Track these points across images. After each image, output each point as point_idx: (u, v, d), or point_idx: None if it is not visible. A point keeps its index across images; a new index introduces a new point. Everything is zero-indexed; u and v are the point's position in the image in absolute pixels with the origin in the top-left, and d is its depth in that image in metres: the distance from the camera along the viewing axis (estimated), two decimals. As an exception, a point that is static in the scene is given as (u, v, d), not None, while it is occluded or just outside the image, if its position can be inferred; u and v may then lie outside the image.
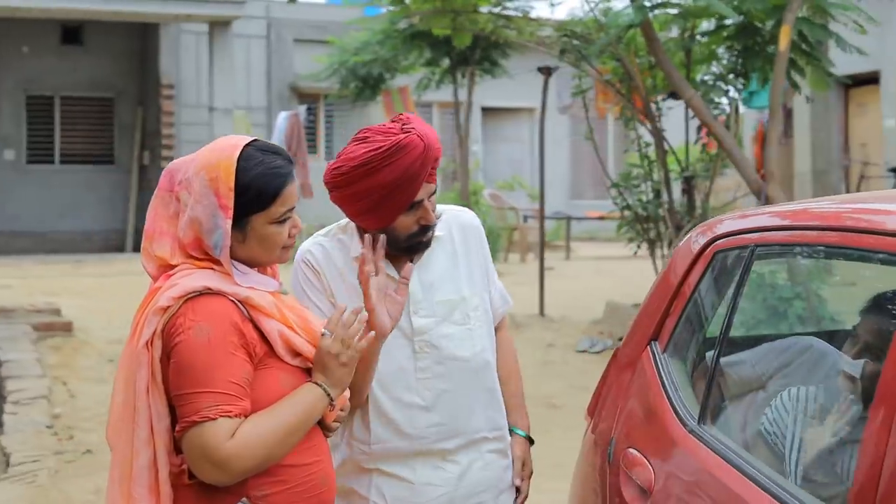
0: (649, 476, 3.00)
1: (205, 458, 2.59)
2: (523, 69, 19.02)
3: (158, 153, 24.13)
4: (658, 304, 3.40)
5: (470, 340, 3.30)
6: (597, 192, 27.68)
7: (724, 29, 10.05)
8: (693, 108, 9.50)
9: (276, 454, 2.67)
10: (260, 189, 2.71)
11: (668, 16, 9.88)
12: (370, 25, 17.72)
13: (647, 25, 9.25)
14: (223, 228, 2.69)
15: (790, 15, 9.03)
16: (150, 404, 2.67)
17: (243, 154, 2.73)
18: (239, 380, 2.63)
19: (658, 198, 11.23)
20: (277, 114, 21.86)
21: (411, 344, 3.24)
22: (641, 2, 9.01)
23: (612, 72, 11.11)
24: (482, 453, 3.33)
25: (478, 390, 3.31)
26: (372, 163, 3.04)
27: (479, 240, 3.42)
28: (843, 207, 2.91)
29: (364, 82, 18.82)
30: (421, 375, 3.24)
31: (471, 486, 3.30)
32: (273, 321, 2.72)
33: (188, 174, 2.76)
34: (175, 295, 2.66)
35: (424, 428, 3.24)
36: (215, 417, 2.58)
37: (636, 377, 3.34)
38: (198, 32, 23.86)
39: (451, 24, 10.98)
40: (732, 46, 10.05)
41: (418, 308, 3.25)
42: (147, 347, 2.66)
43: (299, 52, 25.35)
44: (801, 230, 2.89)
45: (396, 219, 3.13)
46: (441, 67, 17.63)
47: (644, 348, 3.37)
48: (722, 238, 3.20)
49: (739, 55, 9.93)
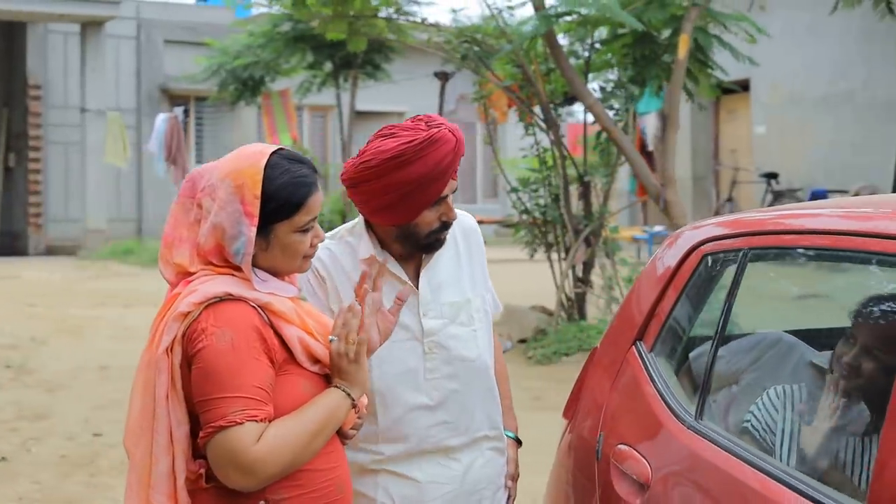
0: (645, 470, 3.11)
1: (231, 463, 2.60)
2: (401, 73, 19.21)
3: (25, 155, 23.69)
4: (641, 306, 3.52)
5: (474, 341, 3.37)
6: (465, 195, 28.07)
7: (622, 38, 10.31)
8: (594, 115, 9.73)
9: (301, 458, 2.68)
10: (285, 198, 2.73)
11: (570, 24, 10.08)
12: (253, 28, 17.66)
13: (550, 34, 9.44)
14: (247, 236, 2.70)
15: (688, 25, 9.33)
16: (169, 411, 2.67)
17: (270, 162, 2.74)
18: (263, 384, 2.64)
19: (556, 202, 11.47)
20: (147, 116, 21.71)
21: (421, 345, 3.29)
22: (545, 11, 9.19)
23: (510, 77, 11.29)
24: (483, 451, 3.41)
25: (481, 390, 3.39)
26: (405, 155, 3.06)
27: (479, 243, 3.50)
28: (833, 212, 3.09)
29: (244, 85, 18.73)
30: (430, 376, 3.29)
31: (473, 482, 3.38)
32: (293, 327, 2.75)
33: (212, 180, 2.76)
34: (196, 301, 2.67)
35: (431, 427, 3.30)
36: (242, 422, 2.58)
37: (622, 376, 3.45)
38: (66, 32, 23.47)
39: (348, 29, 11.02)
40: (629, 55, 10.32)
41: (427, 310, 3.31)
42: (167, 354, 2.66)
43: (170, 54, 25.12)
44: (794, 234, 3.07)
45: (420, 214, 3.17)
46: (323, 71, 17.66)
47: (628, 349, 3.48)
48: (709, 242, 3.33)
49: (636, 63, 10.18)
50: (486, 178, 29.86)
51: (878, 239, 2.65)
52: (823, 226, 2.97)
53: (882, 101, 16.88)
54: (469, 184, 29.34)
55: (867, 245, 2.70)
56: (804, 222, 3.10)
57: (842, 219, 2.97)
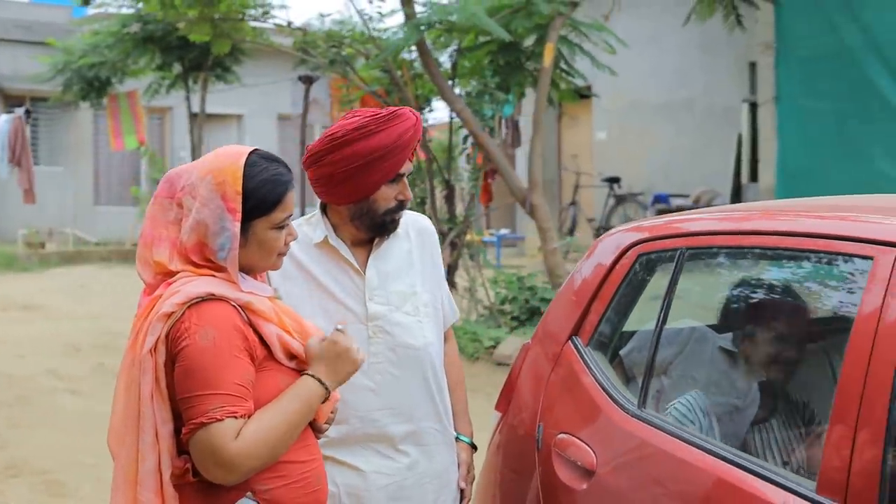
0: (589, 457, 3.33)
1: (212, 459, 2.67)
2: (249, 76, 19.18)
3: None
4: (576, 302, 3.74)
5: (420, 331, 3.50)
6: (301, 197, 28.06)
7: (486, 45, 10.57)
8: (462, 120, 9.96)
9: (280, 449, 2.77)
10: (264, 195, 2.83)
11: (437, 31, 10.29)
12: (98, 27, 17.42)
13: (421, 43, 9.64)
14: (231, 231, 2.79)
15: (553, 33, 9.64)
16: (154, 409, 2.73)
17: (248, 161, 2.84)
18: (243, 381, 2.72)
19: (422, 205, 11.66)
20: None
21: (366, 329, 3.43)
22: (417, 20, 9.38)
23: (377, 82, 11.46)
24: (429, 445, 3.53)
25: (425, 380, 3.51)
26: (369, 126, 3.32)
27: (434, 245, 3.67)
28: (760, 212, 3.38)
29: (90, 85, 18.45)
30: (373, 360, 3.41)
31: (418, 476, 3.50)
32: (272, 325, 2.84)
33: (191, 179, 2.85)
34: (179, 301, 2.74)
35: (374, 411, 3.42)
36: (222, 418, 2.66)
37: (559, 370, 3.67)
38: None
39: (212, 31, 11.04)
40: (493, 61, 10.58)
41: (373, 295, 3.46)
42: (151, 354, 2.73)
43: (3, 53, 24.52)
44: (730, 235, 3.34)
45: (379, 188, 3.38)
46: (172, 73, 17.52)
47: (564, 343, 3.70)
48: (644, 242, 3.58)
49: (501, 70, 10.46)
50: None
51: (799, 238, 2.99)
52: (753, 227, 3.27)
53: (721, 109, 17.53)
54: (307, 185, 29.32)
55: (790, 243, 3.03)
56: (736, 225, 3.38)
57: (768, 220, 3.27)
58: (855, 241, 2.79)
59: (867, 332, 2.62)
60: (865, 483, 2.50)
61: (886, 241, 2.69)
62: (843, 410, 2.62)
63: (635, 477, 3.24)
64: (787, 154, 12.85)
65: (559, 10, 9.55)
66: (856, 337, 2.65)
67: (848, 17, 12.07)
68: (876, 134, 12.00)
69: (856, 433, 2.56)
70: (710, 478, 2.91)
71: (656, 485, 3.12)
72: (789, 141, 12.80)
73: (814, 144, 12.51)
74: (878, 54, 11.85)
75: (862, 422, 2.55)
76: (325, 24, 11.55)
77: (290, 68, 16.01)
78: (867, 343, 2.60)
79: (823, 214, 3.10)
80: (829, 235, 2.89)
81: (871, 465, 2.50)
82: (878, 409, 2.53)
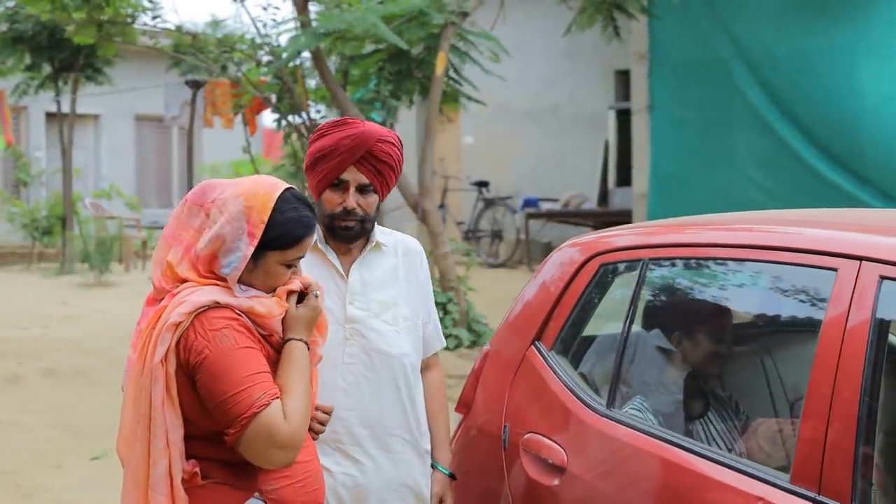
0: (560, 455, 3.56)
1: (272, 444, 2.80)
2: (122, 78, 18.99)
3: None
4: (537, 309, 3.97)
5: (396, 340, 3.64)
6: (161, 200, 27.74)
7: (377, 53, 10.74)
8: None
9: (309, 418, 2.93)
10: (286, 231, 2.96)
11: (330, 39, 10.40)
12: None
13: (316, 50, 9.77)
14: (243, 252, 2.92)
15: (445, 43, 9.86)
16: (165, 416, 2.85)
17: (282, 196, 2.98)
18: (268, 368, 2.88)
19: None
20: None
21: (343, 330, 3.57)
22: (314, 28, 9.51)
23: (268, 87, 11.53)
24: (397, 453, 3.64)
25: (397, 389, 3.64)
26: (322, 129, 3.63)
27: (422, 266, 3.83)
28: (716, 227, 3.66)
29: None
30: (348, 360, 3.57)
31: (384, 481, 3.62)
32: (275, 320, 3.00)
33: (224, 195, 2.99)
34: (186, 311, 2.86)
35: (343, 410, 3.53)
36: (269, 403, 2.80)
37: (523, 373, 3.88)
38: None
39: (98, 34, 10.99)
40: (384, 69, 10.76)
41: (354, 299, 3.62)
42: (162, 363, 2.84)
43: None
44: (691, 247, 3.61)
45: (324, 191, 3.60)
46: (41, 73, 17.26)
47: (527, 348, 3.91)
48: (606, 253, 3.83)
49: (393, 78, 10.64)
50: (182, 181, 29.45)
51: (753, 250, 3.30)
52: (713, 240, 3.54)
53: (586, 115, 17.98)
54: (165, 187, 28.96)
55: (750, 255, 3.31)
56: (697, 236, 3.66)
57: (727, 232, 3.56)
58: (820, 253, 3.07)
59: (834, 338, 2.89)
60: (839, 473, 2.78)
61: (849, 255, 2.97)
62: (814, 407, 2.89)
63: (607, 473, 3.47)
64: (660, 161, 13.29)
65: (451, 20, 9.77)
66: (823, 343, 2.92)
67: (719, 29, 12.54)
68: (745, 141, 12.48)
69: (828, 427, 2.83)
70: (689, 473, 3.14)
71: (632, 479, 3.35)
72: (662, 148, 13.24)
73: (686, 151, 12.96)
74: (747, 65, 12.34)
75: (833, 417, 2.83)
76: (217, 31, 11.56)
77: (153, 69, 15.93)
78: (835, 348, 2.88)
79: (782, 227, 3.39)
80: (793, 248, 3.17)
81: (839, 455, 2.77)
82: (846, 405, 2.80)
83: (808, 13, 12.03)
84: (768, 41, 12.25)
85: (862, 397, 2.77)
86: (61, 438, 8.46)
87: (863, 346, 2.82)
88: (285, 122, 11.56)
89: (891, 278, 2.83)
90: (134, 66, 19.41)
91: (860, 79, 11.74)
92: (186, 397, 2.88)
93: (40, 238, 19.88)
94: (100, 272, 16.70)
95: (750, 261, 3.37)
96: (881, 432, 2.89)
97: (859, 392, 2.78)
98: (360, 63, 11.06)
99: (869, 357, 2.80)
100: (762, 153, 12.40)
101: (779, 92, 12.21)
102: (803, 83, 11.97)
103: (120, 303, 14.46)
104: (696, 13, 12.70)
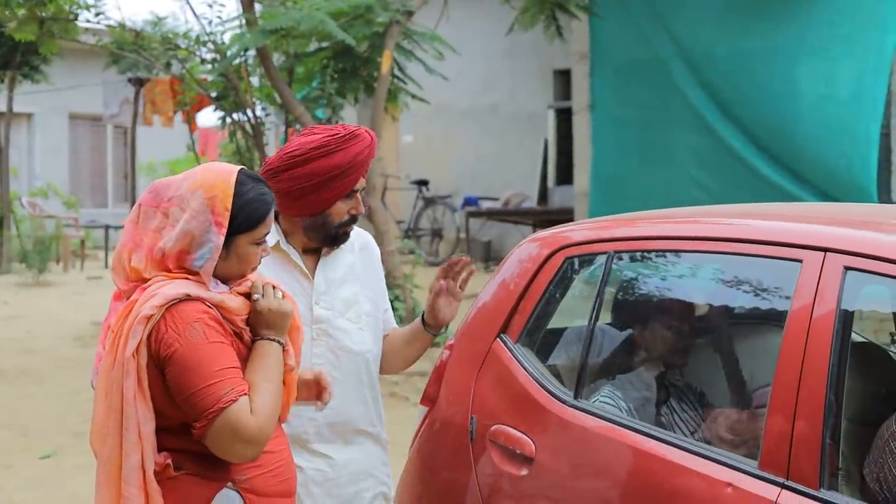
0: (528, 445, 3.61)
1: (238, 438, 2.84)
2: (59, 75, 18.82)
3: None
4: (502, 303, 4.01)
5: (360, 337, 3.74)
6: (95, 199, 27.49)
7: (323, 51, 10.74)
8: (302, 125, 10.10)
9: (277, 414, 2.97)
10: (250, 212, 3.01)
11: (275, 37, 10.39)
12: None
13: (263, 48, 9.76)
14: (215, 243, 2.96)
15: (391, 41, 9.89)
16: (137, 409, 2.86)
17: (238, 179, 3.02)
18: (237, 364, 2.91)
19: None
20: None
21: (310, 331, 3.61)
22: (262, 26, 9.50)
23: (212, 85, 11.50)
24: (362, 443, 3.75)
25: (362, 385, 3.75)
26: (329, 146, 3.51)
27: (375, 259, 3.92)
28: (681, 220, 3.74)
29: None
30: (315, 360, 3.60)
31: (353, 474, 3.72)
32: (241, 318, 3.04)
33: (181, 192, 3.00)
34: (157, 304, 2.88)
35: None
36: (236, 398, 2.84)
37: (490, 366, 3.93)
38: None
39: (39, 31, 10.91)
40: (329, 67, 10.77)
41: (320, 299, 3.67)
42: (134, 356, 2.86)
43: None
44: (657, 240, 3.69)
45: (334, 204, 3.58)
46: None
47: (493, 341, 3.95)
48: (570, 247, 3.89)
49: (339, 76, 10.65)
50: (117, 181, 29.19)
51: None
52: (679, 232, 3.62)
53: (525, 114, 18.06)
54: (100, 187, 28.70)
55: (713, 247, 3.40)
56: (662, 229, 3.73)
57: (693, 224, 3.64)
58: (785, 245, 3.15)
59: (800, 328, 2.97)
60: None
61: (814, 246, 3.06)
62: (781, 397, 2.97)
63: (577, 461, 3.53)
64: (601, 159, 13.38)
65: (396, 19, 9.81)
66: (790, 333, 2.99)
67: (659, 29, 12.63)
68: (685, 140, 12.59)
69: (794, 416, 2.91)
70: (657, 460, 3.21)
71: (601, 467, 3.42)
72: (603, 147, 13.33)
73: (626, 150, 13.05)
74: (687, 64, 12.45)
75: (800, 406, 2.91)
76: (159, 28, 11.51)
77: (89, 67, 15.78)
78: (801, 338, 2.96)
79: (748, 220, 3.48)
80: (759, 241, 3.25)
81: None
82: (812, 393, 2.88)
83: (748, 14, 12.16)
84: (708, 41, 12.37)
85: (828, 386, 2.86)
86: (9, 438, 8.40)
87: (828, 336, 2.89)
88: (230, 120, 11.56)
89: (855, 269, 2.92)
90: (69, 64, 19.24)
91: (798, 79, 11.89)
92: (157, 389, 2.90)
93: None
94: (38, 272, 16.56)
95: (716, 253, 3.44)
96: (846, 420, 2.98)
97: (825, 381, 2.86)
98: (306, 61, 11.05)
99: (834, 347, 2.88)
100: (702, 152, 12.53)
101: (718, 92, 12.33)
102: (742, 83, 12.10)
103: (60, 302, 14.37)
104: (636, 13, 12.80)
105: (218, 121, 11.40)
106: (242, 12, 10.22)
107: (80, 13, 11.05)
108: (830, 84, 11.92)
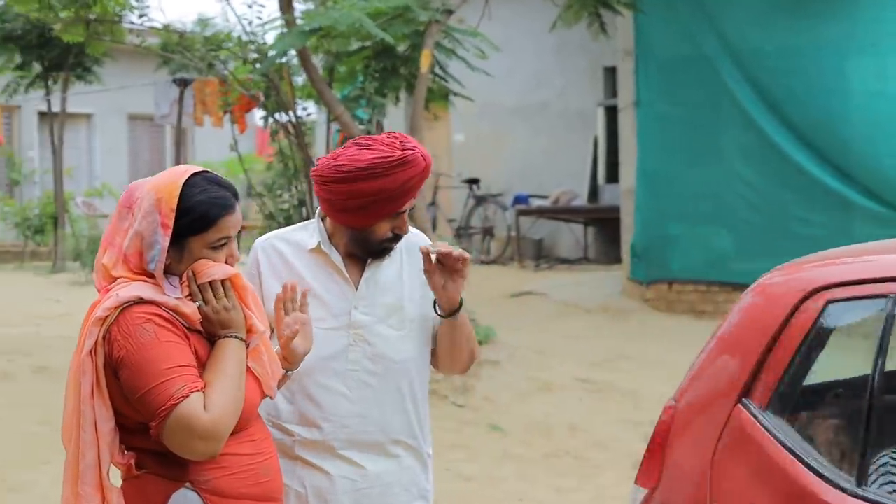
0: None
1: (192, 435, 2.74)
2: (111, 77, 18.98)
3: None
4: (742, 358, 3.14)
5: (402, 345, 3.43)
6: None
7: (363, 51, 10.63)
8: (342, 124, 10.03)
9: (239, 409, 2.86)
10: (199, 214, 2.88)
11: (315, 37, 10.36)
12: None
13: (303, 48, 9.76)
14: (161, 245, 2.85)
15: (430, 40, 9.74)
16: (94, 408, 2.82)
17: (189, 181, 2.89)
18: (191, 362, 2.81)
19: (301, 206, 11.53)
20: None
21: (348, 336, 3.39)
22: (301, 27, 9.49)
23: (255, 86, 11.53)
24: (398, 457, 3.47)
25: (400, 394, 3.44)
26: (377, 169, 3.23)
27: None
28: None
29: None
30: (351, 367, 3.39)
31: (385, 485, 3.43)
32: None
33: (141, 193, 2.92)
34: (111, 305, 2.81)
35: (346, 417, 3.37)
36: (188, 395, 2.73)
37: (730, 440, 3.09)
38: None
39: (86, 32, 11.00)
40: (370, 67, 10.74)
41: (360, 304, 3.41)
42: (91, 356, 2.81)
43: None
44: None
45: (377, 223, 3.35)
46: (32, 72, 17.27)
47: (733, 406, 3.09)
48: (835, 287, 3.03)
49: (379, 75, 10.65)
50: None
51: None
52: None
53: (575, 111, 17.76)
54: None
55: None
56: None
57: None
58: None
59: None
60: None
61: None
62: None
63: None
64: (647, 157, 13.19)
65: (435, 18, 9.73)
66: None
67: (705, 25, 12.42)
68: (731, 137, 12.40)
69: None
70: None
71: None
72: (648, 144, 13.11)
73: (672, 147, 12.83)
74: (734, 61, 12.25)
75: None
76: (205, 29, 11.58)
77: (144, 68, 15.89)
78: None
79: None
80: None
81: None
82: None
83: (795, 10, 11.87)
84: (755, 38, 12.11)
85: None
86: (46, 434, 8.39)
87: None
88: (272, 120, 11.58)
89: None
90: (124, 65, 19.20)
91: (847, 76, 11.66)
92: (115, 390, 2.84)
93: (32, 237, 19.85)
94: (91, 270, 16.63)
95: None
96: None
97: None
98: (347, 60, 10.71)
99: None
100: (749, 149, 12.27)
101: (766, 89, 12.07)
102: (790, 80, 11.83)
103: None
104: (682, 10, 12.53)
105: (260, 120, 11.42)
106: (281, 14, 10.22)
107: (125, 15, 11.14)
108: (881, 80, 11.77)
